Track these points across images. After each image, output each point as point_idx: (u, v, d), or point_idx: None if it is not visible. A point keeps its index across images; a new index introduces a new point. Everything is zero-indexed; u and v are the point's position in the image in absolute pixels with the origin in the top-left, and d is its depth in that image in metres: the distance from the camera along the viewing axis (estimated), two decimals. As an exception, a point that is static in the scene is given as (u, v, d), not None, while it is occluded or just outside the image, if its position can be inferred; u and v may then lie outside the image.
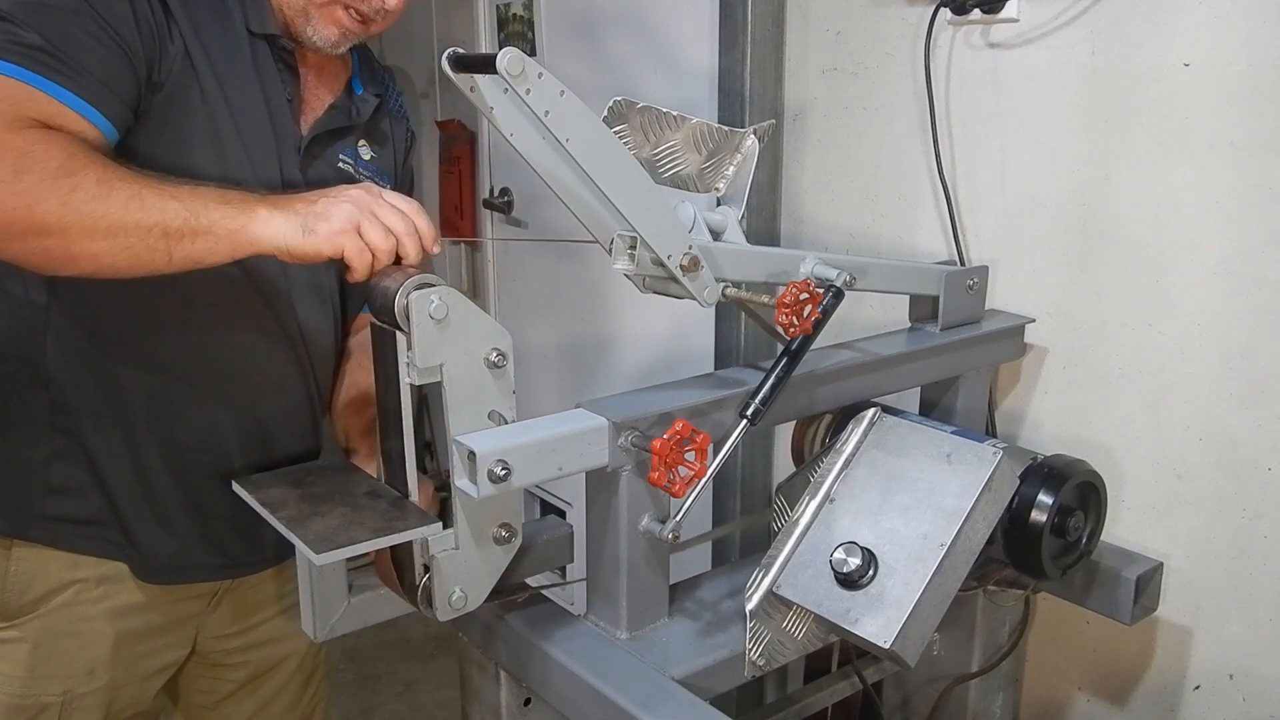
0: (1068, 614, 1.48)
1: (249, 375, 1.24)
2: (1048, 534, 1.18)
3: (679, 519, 1.04)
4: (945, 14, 1.50)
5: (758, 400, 1.07)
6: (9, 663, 1.23)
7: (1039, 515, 1.17)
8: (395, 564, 1.07)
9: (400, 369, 0.99)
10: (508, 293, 2.79)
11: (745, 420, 1.07)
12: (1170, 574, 1.40)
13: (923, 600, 1.01)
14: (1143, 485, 1.43)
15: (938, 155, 1.55)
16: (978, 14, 1.47)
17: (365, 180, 1.27)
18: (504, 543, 1.05)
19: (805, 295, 1.06)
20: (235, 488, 1.12)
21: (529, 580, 1.19)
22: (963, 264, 1.54)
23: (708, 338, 1.99)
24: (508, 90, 0.94)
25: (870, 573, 1.03)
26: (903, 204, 1.65)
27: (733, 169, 1.17)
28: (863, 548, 1.04)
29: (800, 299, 1.06)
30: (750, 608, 1.05)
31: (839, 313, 1.13)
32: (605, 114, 1.04)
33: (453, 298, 0.96)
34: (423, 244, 1.03)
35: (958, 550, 1.04)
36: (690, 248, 1.04)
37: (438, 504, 1.08)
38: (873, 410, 1.16)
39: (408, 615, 1.13)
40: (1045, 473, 1.19)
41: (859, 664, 1.44)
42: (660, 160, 1.10)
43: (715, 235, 1.12)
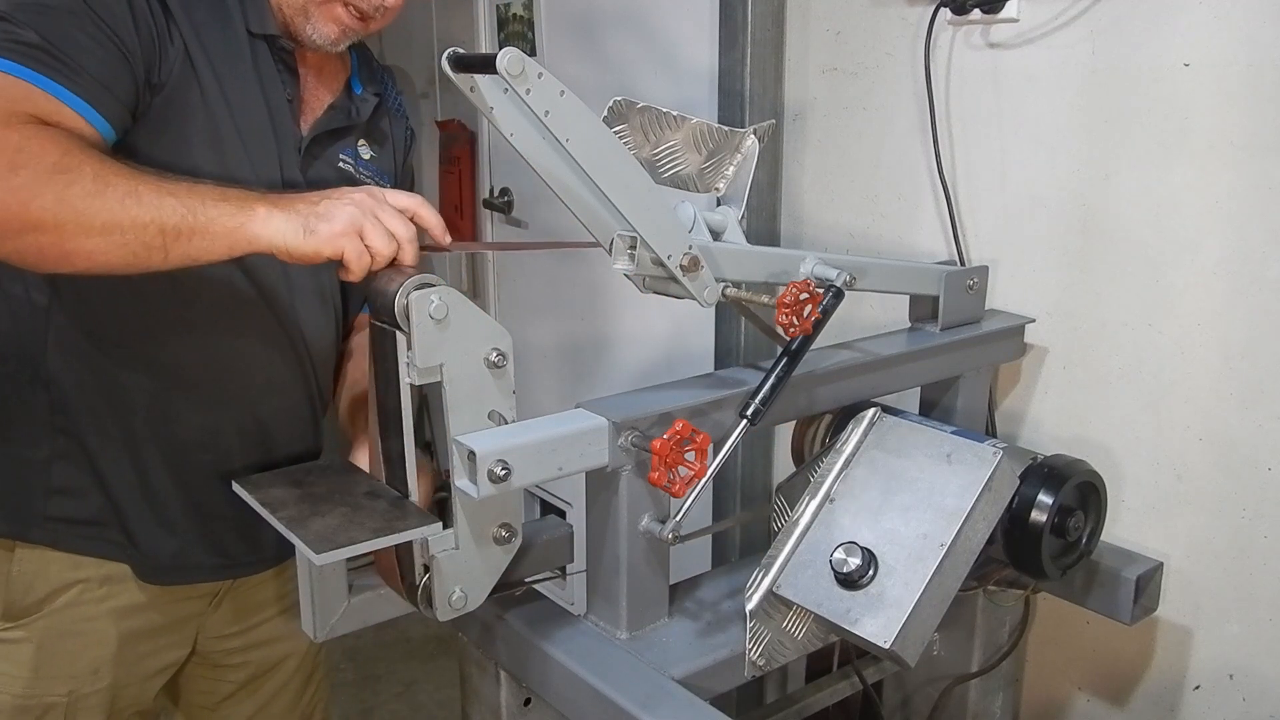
0: (1068, 614, 1.47)
1: (249, 376, 1.24)
2: (1048, 534, 1.18)
3: (679, 519, 1.04)
4: (945, 14, 1.50)
5: (758, 400, 1.07)
6: (14, 663, 1.23)
7: (1039, 515, 1.17)
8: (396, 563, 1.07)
9: (400, 369, 0.98)
10: (508, 293, 2.79)
11: (745, 420, 1.07)
12: (1170, 574, 1.40)
13: (923, 600, 1.01)
14: (1143, 485, 1.43)
15: (938, 155, 1.54)
16: (978, 14, 1.47)
17: (365, 179, 1.27)
18: (504, 543, 1.05)
19: (805, 295, 1.06)
20: (235, 488, 1.12)
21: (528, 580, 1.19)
22: (963, 264, 1.54)
23: (708, 338, 1.99)
24: (508, 90, 0.94)
25: (870, 573, 1.03)
26: (903, 204, 1.65)
27: (733, 169, 1.17)
28: (863, 548, 1.04)
29: (800, 299, 1.05)
30: (750, 608, 1.05)
31: (839, 313, 1.13)
32: (605, 114, 1.04)
33: (453, 298, 0.96)
34: (433, 236, 1.03)
35: (958, 550, 1.04)
36: (690, 248, 1.04)
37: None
38: (873, 410, 1.16)
39: (408, 615, 1.13)
40: (1045, 473, 1.19)
41: (859, 664, 1.44)
42: (660, 160, 1.10)
43: (715, 235, 1.12)
